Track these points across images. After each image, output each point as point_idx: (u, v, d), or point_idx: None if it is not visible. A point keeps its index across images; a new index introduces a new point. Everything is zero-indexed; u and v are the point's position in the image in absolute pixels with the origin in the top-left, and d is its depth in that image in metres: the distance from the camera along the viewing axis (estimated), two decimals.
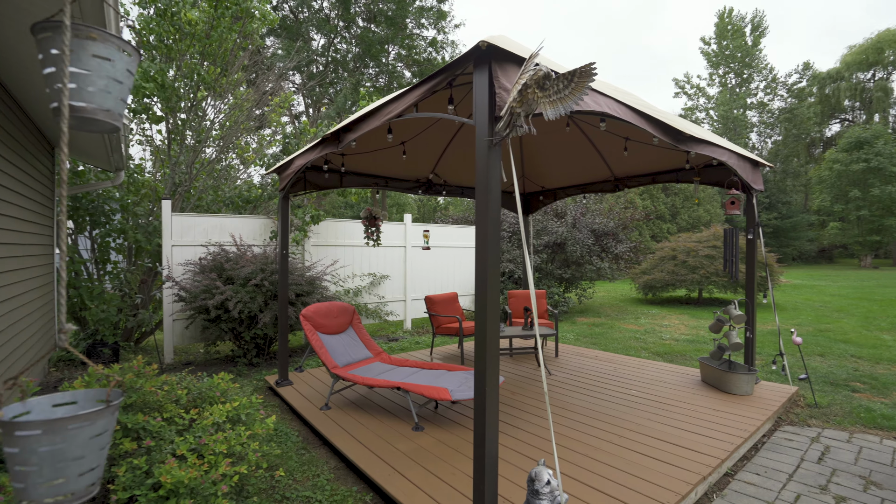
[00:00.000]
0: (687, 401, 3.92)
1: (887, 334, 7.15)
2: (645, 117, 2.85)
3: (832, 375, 4.93)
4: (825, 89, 38.05)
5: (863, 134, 28.89)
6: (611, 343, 6.85)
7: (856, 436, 3.44)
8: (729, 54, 38.08)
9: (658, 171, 5.25)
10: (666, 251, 11.13)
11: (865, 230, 28.44)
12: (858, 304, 10.73)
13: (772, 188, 34.41)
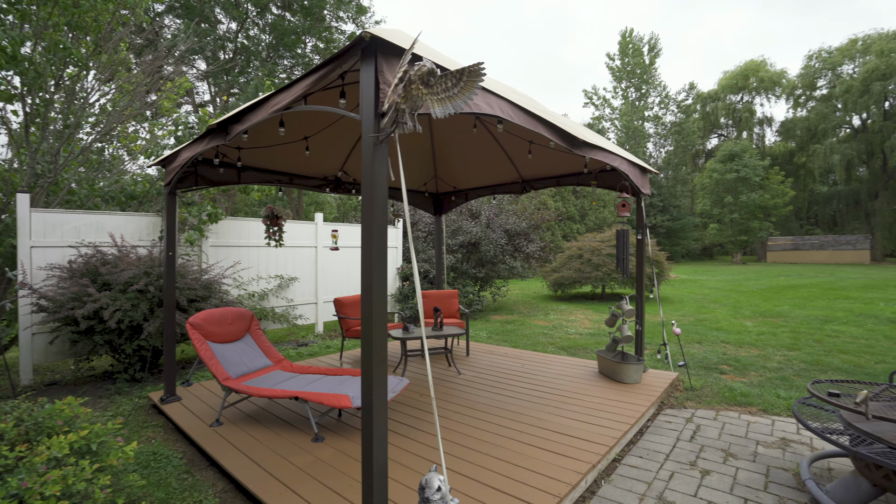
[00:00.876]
0: (585, 392, 4.16)
1: (749, 321, 8.23)
2: (541, 121, 2.94)
3: (706, 360, 5.54)
4: (706, 108, 43.20)
5: (734, 148, 33.24)
6: (521, 339, 7.12)
7: (721, 413, 3.87)
8: (630, 70, 41.67)
9: (561, 174, 5.53)
10: (573, 250, 11.86)
11: (736, 231, 32.77)
12: (729, 295, 12.27)
13: (665, 193, 38.25)
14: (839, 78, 35.64)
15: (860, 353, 5.86)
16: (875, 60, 31.90)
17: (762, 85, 40.61)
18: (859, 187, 36.53)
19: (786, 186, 33.81)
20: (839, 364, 5.32)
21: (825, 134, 36.30)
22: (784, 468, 2.92)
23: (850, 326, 7.58)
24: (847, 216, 38.55)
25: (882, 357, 5.65)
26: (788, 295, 11.99)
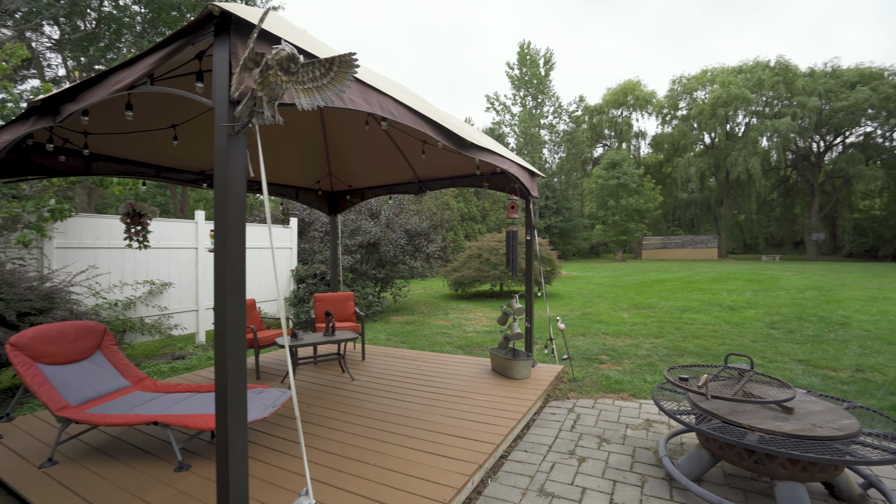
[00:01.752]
0: (477, 391, 4.23)
1: (626, 313, 9.17)
2: (427, 121, 2.90)
3: (588, 352, 6.02)
4: (593, 119, 47.55)
5: (615, 157, 37.06)
6: (420, 340, 7.10)
7: (598, 401, 4.20)
8: (527, 80, 44.30)
9: (456, 175, 5.60)
10: (473, 250, 12.21)
11: (618, 231, 36.59)
12: (611, 290, 13.59)
13: (559, 196, 41.35)
14: (694, 101, 41.56)
15: (709, 337, 6.81)
16: (719, 90, 37.75)
17: (637, 102, 45.79)
18: (710, 195, 43.01)
19: (656, 193, 38.47)
20: (693, 348, 6.12)
21: (685, 149, 42.08)
22: (647, 447, 3.23)
23: (701, 314, 8.80)
24: (701, 219, 45.10)
25: (724, 340, 6.62)
26: (657, 288, 13.62)
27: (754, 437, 2.31)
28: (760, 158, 35.98)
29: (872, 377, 4.79)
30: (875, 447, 2.30)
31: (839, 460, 2.09)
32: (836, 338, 6.67)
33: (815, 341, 6.47)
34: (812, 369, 5.14)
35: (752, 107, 38.02)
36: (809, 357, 5.61)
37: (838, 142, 38.90)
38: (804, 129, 36.18)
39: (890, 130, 36.79)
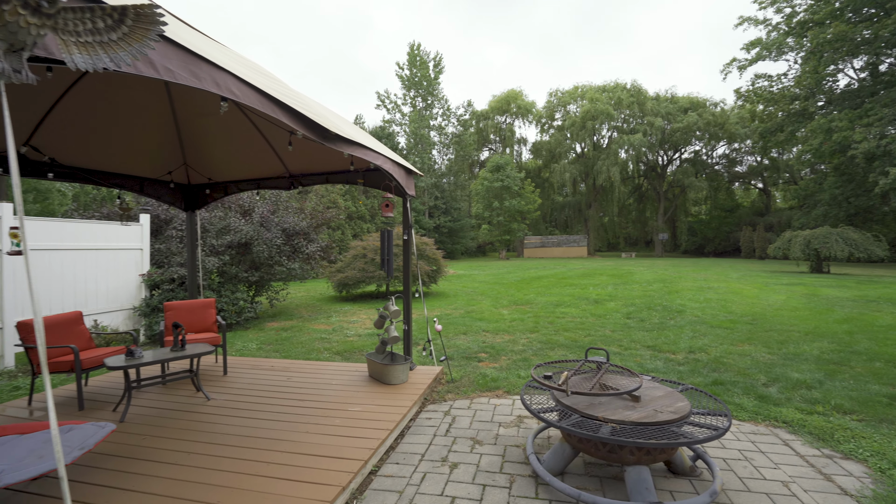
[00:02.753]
0: (350, 400, 3.96)
1: (506, 310, 9.60)
2: (280, 106, 2.55)
3: (468, 350, 6.10)
4: (480, 124, 49.76)
5: (500, 161, 39.21)
6: (296, 347, 6.57)
7: (475, 401, 4.21)
8: (417, 81, 44.67)
9: (330, 171, 5.24)
10: (358, 250, 11.80)
11: (502, 231, 38.79)
12: (494, 287, 14.22)
13: (448, 197, 42.45)
14: (568, 114, 45.90)
15: (577, 329, 7.39)
16: (588, 105, 42.20)
17: (520, 111, 49.07)
18: (581, 199, 47.91)
19: (536, 196, 41.63)
20: (563, 341, 6.57)
21: (560, 156, 46.21)
22: (517, 445, 3.28)
23: (572, 308, 9.58)
24: (574, 220, 50.01)
25: (589, 331, 7.24)
26: (535, 285, 14.60)
27: (608, 428, 2.42)
28: (620, 168, 41.05)
29: (700, 357, 5.58)
30: (701, 426, 2.57)
31: (675, 443, 2.28)
32: (674, 324, 7.71)
33: (660, 328, 7.40)
34: (657, 354, 5.82)
35: (614, 122, 43.23)
36: (655, 343, 6.38)
37: (676, 157, 46.12)
38: (652, 144, 42.15)
39: (711, 150, 44.71)
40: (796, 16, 29.16)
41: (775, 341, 6.33)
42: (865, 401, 4.00)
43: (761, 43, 31.25)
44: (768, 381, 4.61)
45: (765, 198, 45.35)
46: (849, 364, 5.18)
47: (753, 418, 3.71)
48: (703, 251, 43.32)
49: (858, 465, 2.97)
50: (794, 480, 2.77)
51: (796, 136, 30.50)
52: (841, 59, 27.45)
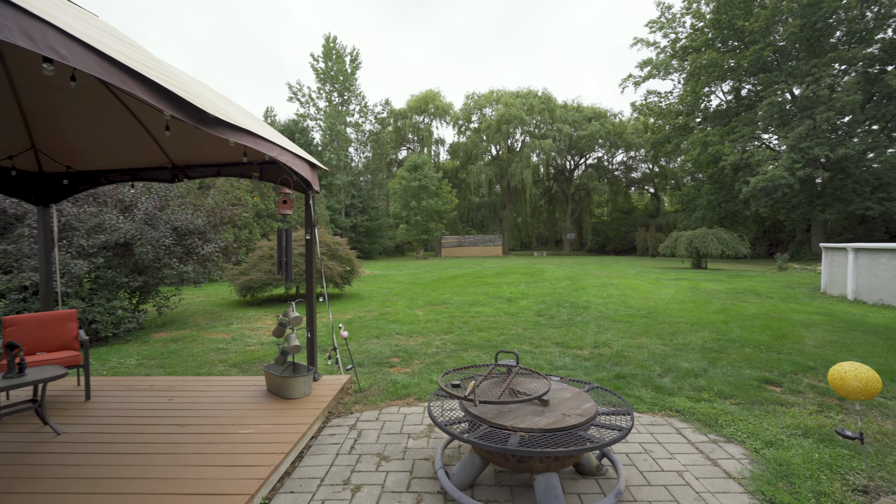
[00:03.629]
0: (243, 421, 3.50)
1: (421, 311, 9.45)
2: (134, 76, 2.09)
3: (380, 355, 5.82)
4: (398, 123, 49.33)
5: (417, 160, 39.18)
6: (186, 361, 5.81)
7: (384, 411, 3.96)
8: (333, 75, 43.04)
9: (222, 162, 4.66)
10: (265, 250, 10.94)
11: (420, 231, 38.81)
12: (410, 287, 14.03)
13: (365, 196, 41.50)
14: (484, 117, 47.19)
15: (491, 329, 7.45)
16: (503, 109, 43.73)
17: (437, 112, 49.44)
18: (496, 200, 49.56)
19: (453, 196, 42.18)
20: (477, 341, 6.55)
21: (477, 157, 47.36)
22: (427, 458, 3.10)
23: (486, 307, 9.70)
24: (489, 220, 51.61)
25: (502, 330, 7.33)
26: (451, 284, 14.67)
27: (517, 438, 2.32)
28: (532, 171, 43.08)
29: (604, 352, 5.86)
30: (607, 427, 2.58)
31: (582, 449, 2.24)
32: (581, 320, 8.10)
33: (568, 325, 7.71)
34: (566, 350, 6.01)
35: (527, 127, 45.26)
36: (564, 339, 6.60)
37: (582, 162, 49.60)
38: (561, 149, 44.89)
39: (612, 157, 48.76)
40: (679, 41, 32.76)
41: (667, 333, 6.88)
42: (740, 385, 4.42)
43: (652, 63, 34.64)
44: (663, 372, 4.93)
45: (656, 202, 50.47)
46: (726, 351, 5.75)
47: (651, 409, 3.90)
48: (606, 250, 47.09)
49: (738, 447, 3.22)
50: (688, 469, 2.91)
51: (680, 147, 34.26)
52: (713, 82, 31.33)
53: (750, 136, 28.05)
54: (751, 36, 26.98)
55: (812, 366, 5.02)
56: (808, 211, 27.11)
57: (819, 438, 3.25)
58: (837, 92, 24.04)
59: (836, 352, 5.60)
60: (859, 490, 2.62)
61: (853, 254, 10.61)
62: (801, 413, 3.73)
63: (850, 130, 24.73)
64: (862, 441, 2.46)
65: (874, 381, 2.34)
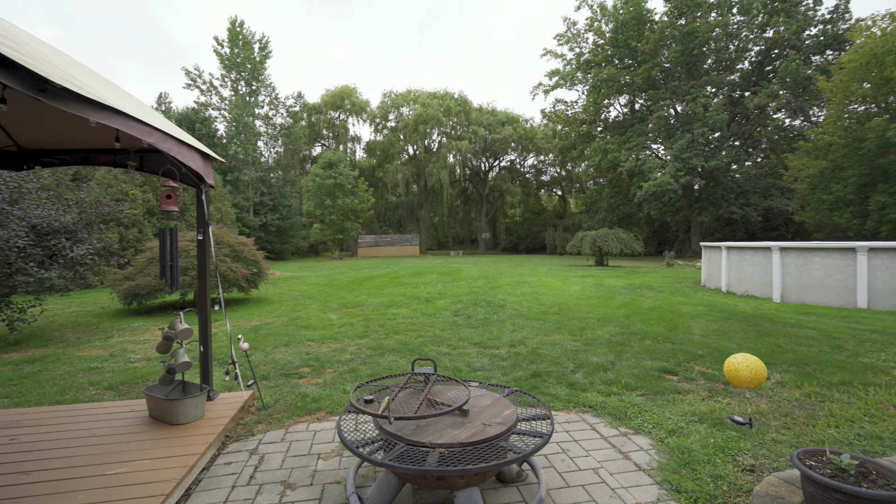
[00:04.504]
0: (113, 459, 2.92)
1: (335, 314, 8.98)
2: None
3: (289, 365, 5.35)
4: (312, 118, 47.18)
5: (332, 157, 37.78)
6: (43, 387, 4.84)
7: (290, 430, 3.58)
8: (240, 63, 39.88)
9: (89, 148, 3.92)
10: (155, 251, 9.67)
11: (335, 230, 37.49)
12: (324, 290, 13.36)
13: (276, 193, 39.08)
14: (401, 116, 46.91)
15: (408, 331, 7.25)
16: (420, 109, 43.81)
17: (353, 108, 48.10)
18: (413, 199, 49.55)
19: (369, 195, 41.32)
20: (394, 345, 6.31)
21: (394, 156, 46.91)
22: (338, 480, 2.82)
23: (403, 309, 9.49)
24: (407, 220, 51.46)
25: (420, 332, 7.17)
26: (367, 285, 14.23)
27: (436, 455, 2.15)
28: (449, 172, 43.71)
29: (520, 350, 5.95)
30: (528, 434, 2.51)
31: (504, 462, 2.14)
32: (497, 319, 8.22)
33: (485, 324, 7.78)
34: (483, 350, 6.01)
35: (444, 128, 45.80)
36: (481, 339, 6.62)
37: (496, 164, 51.42)
38: (476, 151, 46.07)
39: (523, 160, 51.14)
40: (583, 56, 35.28)
41: (577, 328, 7.21)
42: (644, 377, 4.71)
43: (559, 73, 36.88)
44: (575, 368, 5.11)
45: (563, 203, 53.94)
46: (630, 344, 6.14)
47: (567, 406, 3.98)
48: (518, 249, 49.29)
49: (646, 438, 3.37)
50: (603, 465, 2.97)
51: (584, 153, 36.91)
52: (612, 95, 34.19)
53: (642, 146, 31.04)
54: (642, 56, 29.84)
55: (701, 354, 5.52)
56: (688, 213, 30.65)
57: (712, 423, 3.52)
58: (710, 111, 27.48)
59: (719, 339, 6.25)
60: (747, 470, 2.84)
61: (726, 251, 12.08)
62: (695, 400, 4.03)
63: (719, 145, 28.40)
64: (751, 426, 2.66)
65: (762, 370, 2.54)
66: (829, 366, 4.95)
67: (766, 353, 5.47)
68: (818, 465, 2.17)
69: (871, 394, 4.13)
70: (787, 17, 26.71)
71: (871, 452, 3.07)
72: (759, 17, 27.83)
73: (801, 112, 26.69)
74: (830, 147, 18.65)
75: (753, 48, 28.96)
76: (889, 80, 16.19)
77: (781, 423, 3.51)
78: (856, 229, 17.75)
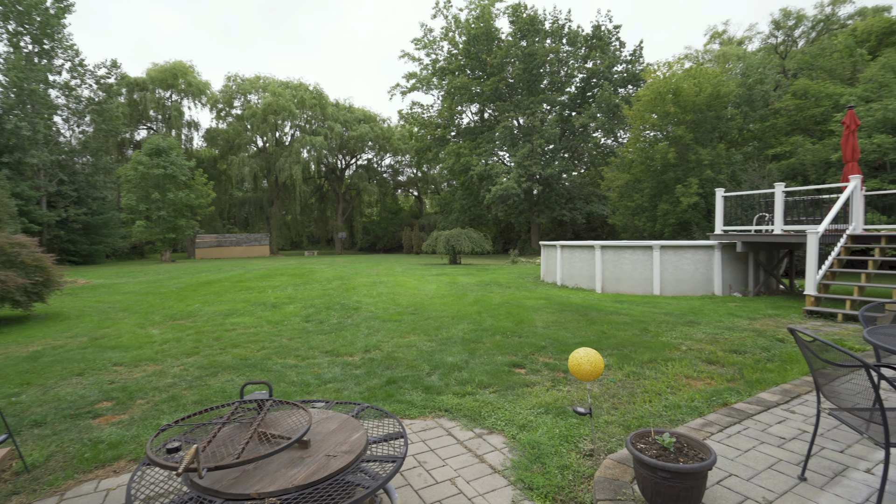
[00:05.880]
0: None
1: (157, 328, 7.50)
2: None
3: (80, 402, 4.17)
4: (134, 95, 39.67)
5: (161, 143, 32.36)
6: None
7: (68, 496, 2.70)
8: (22, 11, 31.25)
9: None
10: None
11: (165, 228, 32.19)
12: (145, 299, 11.19)
13: (82, 182, 31.80)
14: (248, 104, 42.56)
15: (249, 343, 6.38)
16: (271, 98, 40.37)
17: (190, 89, 41.92)
18: (262, 195, 45.49)
19: (209, 188, 36.56)
20: (231, 361, 5.46)
21: (240, 148, 42.35)
22: None
23: (245, 317, 8.41)
24: (255, 218, 47.03)
25: (264, 343, 6.37)
26: (204, 291, 12.38)
27: None
28: (302, 167, 41.14)
29: (375, 356, 5.68)
30: (380, 459, 2.25)
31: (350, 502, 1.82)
32: (352, 322, 7.82)
33: (338, 329, 7.31)
34: (335, 359, 5.57)
35: (297, 121, 42.94)
36: (334, 346, 6.15)
37: (353, 162, 50.31)
38: (332, 148, 44.33)
39: (381, 159, 51.11)
40: (439, 62, 36.64)
41: (433, 328, 7.23)
42: (496, 373, 4.85)
43: (416, 76, 37.68)
44: (431, 370, 5.03)
45: (419, 204, 55.43)
46: (482, 341, 6.35)
47: (423, 413, 3.84)
48: (376, 248, 49.04)
49: (499, 436, 3.40)
50: (460, 474, 2.86)
51: (439, 156, 38.35)
52: (464, 103, 36.25)
53: (491, 153, 33.57)
54: (491, 69, 32.25)
55: (544, 345, 5.98)
56: (529, 215, 34.16)
57: (556, 413, 3.73)
58: (545, 125, 31.08)
59: (557, 330, 6.89)
60: (587, 455, 3.04)
61: (560, 250, 13.64)
62: (541, 391, 4.28)
63: (553, 156, 32.32)
64: (591, 415, 2.83)
65: (600, 362, 2.71)
66: (640, 347, 5.80)
67: (594, 341, 6.18)
68: (647, 447, 2.36)
69: (670, 368, 4.91)
70: (602, 53, 31.73)
71: (675, 420, 3.58)
72: (582, 49, 32.48)
73: (612, 133, 31.96)
74: (632, 163, 22.62)
75: (578, 75, 33.69)
76: (668, 114, 20.29)
77: (610, 405, 3.91)
78: (649, 230, 21.86)
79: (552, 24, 32.75)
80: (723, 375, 4.68)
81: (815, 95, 19.19)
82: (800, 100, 20.10)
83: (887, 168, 14.86)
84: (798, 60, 24.01)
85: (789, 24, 30.65)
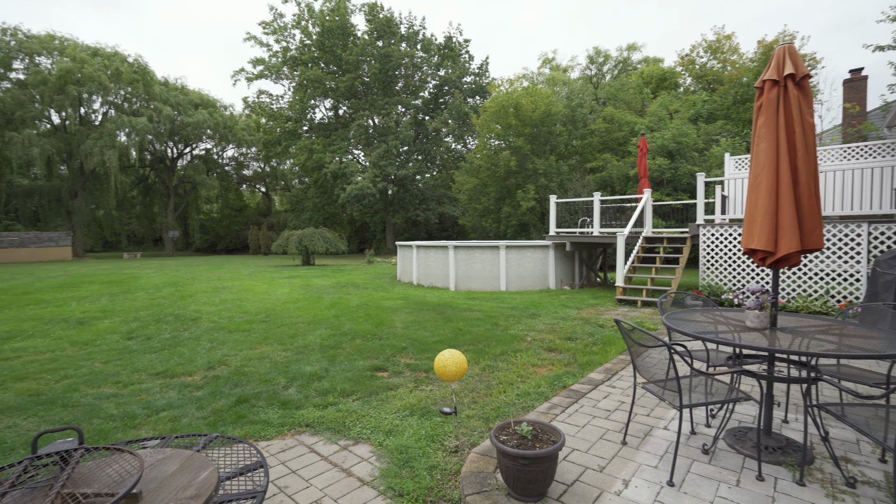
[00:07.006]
0: None
1: None
2: None
3: None
4: None
5: None
6: None
7: None
8: None
9: None
10: None
11: None
12: None
13: None
14: (37, 67, 33.75)
15: (43, 373, 5.06)
16: (72, 64, 32.71)
17: None
18: (61, 185, 36.59)
19: None
20: (12, 400, 4.24)
21: (24, 123, 33.29)
22: None
23: (36, 339, 6.66)
24: (50, 213, 37.64)
25: (66, 371, 5.12)
26: None
27: None
28: (119, 153, 34.37)
29: (221, 372, 5.03)
30: (236, 497, 1.98)
31: None
32: (189, 336, 6.81)
33: (173, 344, 6.29)
34: (170, 381, 4.78)
35: (111, 97, 35.63)
36: (167, 367, 5.27)
37: (188, 151, 43.98)
38: (160, 133, 38.04)
39: (222, 150, 45.76)
40: (290, 51, 34.34)
41: (287, 336, 6.73)
42: (358, 379, 4.73)
43: (265, 63, 34.72)
44: (287, 383, 4.66)
45: (267, 201, 51.19)
46: (342, 346, 6.14)
47: (281, 432, 3.52)
48: (216, 249, 43.81)
49: (366, 445, 3.31)
50: (326, 493, 2.70)
51: (289, 151, 36.02)
52: (318, 97, 34.72)
53: (345, 151, 32.83)
54: (346, 65, 31.49)
55: (404, 346, 6.04)
56: (384, 215, 34.37)
57: (421, 414, 3.80)
58: (400, 127, 31.64)
59: (417, 330, 7.04)
60: (453, 451, 3.16)
61: (416, 250, 14.02)
62: (405, 393, 4.31)
63: (407, 157, 33.08)
64: (456, 414, 2.95)
65: (464, 362, 2.84)
66: (492, 341, 6.29)
67: (452, 338, 6.49)
68: (508, 438, 2.55)
69: (519, 358, 5.43)
70: (454, 63, 33.61)
71: (526, 407, 3.96)
72: (435, 57, 33.92)
73: (462, 139, 34.14)
74: (480, 169, 24.49)
75: (432, 81, 35.08)
76: (510, 125, 22.56)
77: (471, 399, 4.13)
78: (494, 231, 23.97)
79: (408, 28, 33.48)
80: (561, 361, 5.36)
81: (619, 121, 23.43)
82: (608, 124, 24.28)
83: (664, 183, 18.93)
84: (606, 91, 29.03)
85: (600, 60, 36.84)
